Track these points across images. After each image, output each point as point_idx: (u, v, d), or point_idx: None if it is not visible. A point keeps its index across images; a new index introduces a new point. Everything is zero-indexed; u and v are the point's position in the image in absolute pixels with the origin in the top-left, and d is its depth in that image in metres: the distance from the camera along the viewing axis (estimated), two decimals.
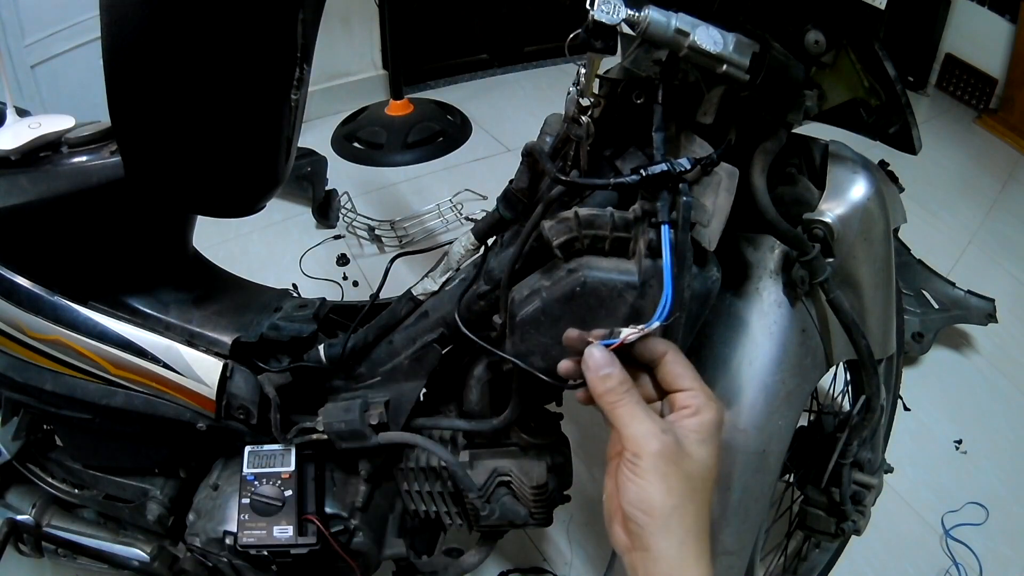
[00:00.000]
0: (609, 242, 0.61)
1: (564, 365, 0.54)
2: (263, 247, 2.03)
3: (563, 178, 0.62)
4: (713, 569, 0.47)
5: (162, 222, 0.85)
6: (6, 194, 0.75)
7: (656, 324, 0.51)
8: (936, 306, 1.71)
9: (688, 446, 0.47)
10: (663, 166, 0.57)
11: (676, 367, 0.51)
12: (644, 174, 0.57)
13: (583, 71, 0.60)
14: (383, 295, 0.86)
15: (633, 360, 0.53)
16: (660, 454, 0.46)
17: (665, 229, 0.56)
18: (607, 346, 0.51)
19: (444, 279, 0.78)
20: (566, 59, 0.58)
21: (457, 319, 0.71)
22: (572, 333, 0.54)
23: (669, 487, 0.46)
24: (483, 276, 0.73)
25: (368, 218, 2.08)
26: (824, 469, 0.92)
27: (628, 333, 0.51)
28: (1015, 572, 1.34)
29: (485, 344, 0.67)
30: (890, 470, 1.04)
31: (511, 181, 0.72)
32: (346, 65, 2.66)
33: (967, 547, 1.35)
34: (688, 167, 0.58)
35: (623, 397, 0.48)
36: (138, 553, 0.99)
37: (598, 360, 0.49)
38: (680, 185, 0.58)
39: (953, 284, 1.70)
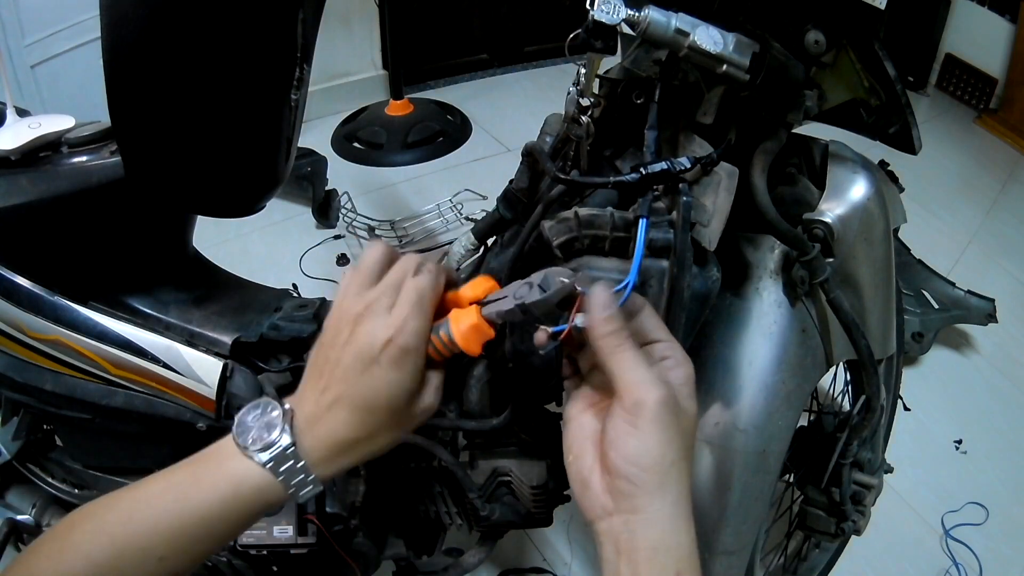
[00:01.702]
0: (609, 242, 0.61)
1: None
2: (263, 247, 2.03)
3: (563, 176, 0.62)
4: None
5: (162, 222, 0.85)
6: (6, 194, 0.75)
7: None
8: (936, 306, 1.71)
9: (682, 400, 0.45)
10: (663, 164, 0.57)
11: (651, 320, 0.49)
12: (644, 172, 0.57)
13: (583, 71, 0.60)
14: None
15: None
16: (664, 403, 0.43)
17: (642, 222, 0.56)
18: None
19: None
20: (566, 59, 0.58)
21: None
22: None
23: (670, 439, 0.43)
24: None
25: (368, 218, 2.08)
26: (824, 469, 0.92)
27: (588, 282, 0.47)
28: (1015, 572, 1.34)
29: None
30: (890, 470, 1.04)
31: (511, 181, 0.72)
32: (346, 65, 2.66)
33: (967, 547, 1.35)
34: (688, 166, 0.58)
35: (625, 342, 0.44)
36: None
37: (604, 300, 0.45)
38: (680, 185, 0.58)
39: (953, 284, 1.70)
